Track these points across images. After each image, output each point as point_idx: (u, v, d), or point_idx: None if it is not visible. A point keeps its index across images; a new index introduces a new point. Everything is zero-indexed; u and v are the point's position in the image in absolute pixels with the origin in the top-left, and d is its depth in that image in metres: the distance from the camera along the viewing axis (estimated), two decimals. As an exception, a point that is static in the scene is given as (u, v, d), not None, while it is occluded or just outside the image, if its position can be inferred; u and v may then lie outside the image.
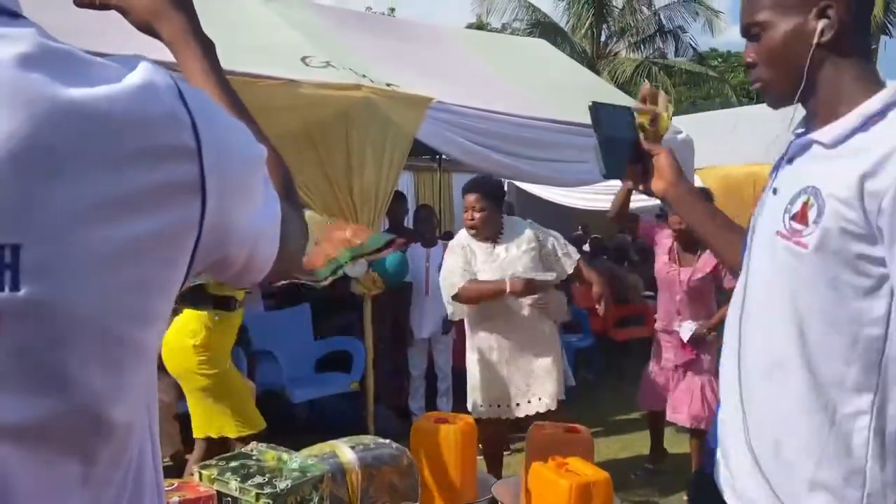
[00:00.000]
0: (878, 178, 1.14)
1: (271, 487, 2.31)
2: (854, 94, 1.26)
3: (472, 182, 3.84)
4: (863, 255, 1.18)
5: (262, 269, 0.83)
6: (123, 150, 0.61)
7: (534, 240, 3.69)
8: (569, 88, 6.52)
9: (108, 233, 0.60)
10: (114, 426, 0.64)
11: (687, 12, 19.64)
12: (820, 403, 1.24)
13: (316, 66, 4.57)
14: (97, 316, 0.60)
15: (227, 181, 0.68)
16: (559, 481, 2.82)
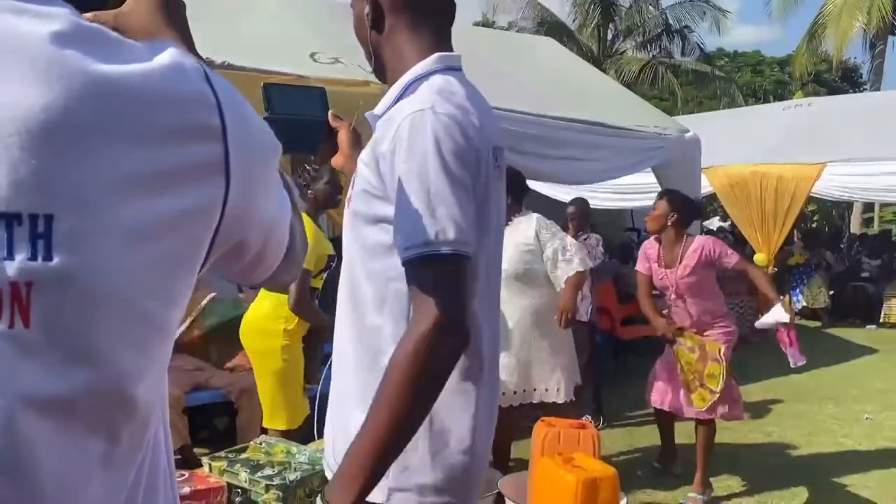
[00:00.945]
0: (384, 142, 1.22)
1: (280, 479, 2.33)
2: (403, 68, 1.34)
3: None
4: (381, 215, 1.23)
5: (271, 266, 0.84)
6: (154, 126, 0.62)
7: (532, 239, 3.70)
8: (576, 86, 6.52)
9: (138, 208, 0.61)
10: (137, 405, 0.65)
11: (694, 12, 19.58)
12: (367, 355, 1.28)
13: (324, 61, 4.57)
14: (125, 290, 0.61)
15: (249, 165, 0.69)
16: (566, 476, 2.82)
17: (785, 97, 21.30)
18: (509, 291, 3.62)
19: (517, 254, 3.70)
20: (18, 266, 0.57)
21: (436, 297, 1.13)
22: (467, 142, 1.22)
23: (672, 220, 4.01)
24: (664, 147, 6.09)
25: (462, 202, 1.18)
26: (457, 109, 1.24)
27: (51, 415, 0.59)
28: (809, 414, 5.60)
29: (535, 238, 3.71)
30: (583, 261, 3.75)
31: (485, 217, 1.28)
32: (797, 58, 21.14)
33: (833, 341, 8.91)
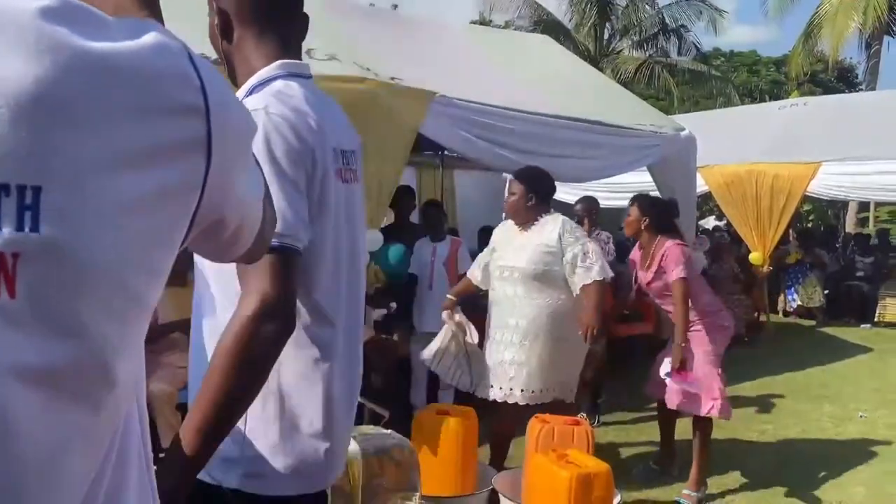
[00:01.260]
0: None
1: (274, 474, 2.32)
2: (251, 74, 1.41)
3: (520, 170, 4.03)
4: None
5: (246, 244, 0.86)
6: (141, 104, 0.64)
7: (555, 242, 3.67)
8: (572, 84, 6.52)
9: (124, 183, 0.62)
10: (117, 378, 0.66)
11: (691, 11, 19.58)
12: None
13: (320, 58, 4.56)
14: (110, 264, 0.62)
15: (229, 144, 0.72)
16: (559, 472, 2.83)
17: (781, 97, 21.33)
18: (527, 290, 3.69)
19: (538, 254, 3.69)
20: (5, 237, 0.58)
21: (260, 285, 1.18)
22: (300, 142, 1.30)
23: (644, 224, 4.05)
24: (660, 145, 6.09)
25: (291, 198, 1.26)
26: (291, 111, 1.31)
27: (35, 386, 0.60)
28: (804, 412, 5.61)
29: (557, 241, 3.68)
30: (603, 269, 3.69)
31: (324, 214, 1.36)
32: (793, 58, 21.18)
33: (828, 340, 8.94)
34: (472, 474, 3.49)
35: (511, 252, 3.77)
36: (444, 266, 5.06)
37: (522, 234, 3.78)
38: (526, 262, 3.68)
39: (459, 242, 5.25)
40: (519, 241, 3.77)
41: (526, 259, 3.68)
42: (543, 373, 3.69)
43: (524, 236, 3.77)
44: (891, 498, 3.97)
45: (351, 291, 1.50)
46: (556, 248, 3.67)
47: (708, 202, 14.69)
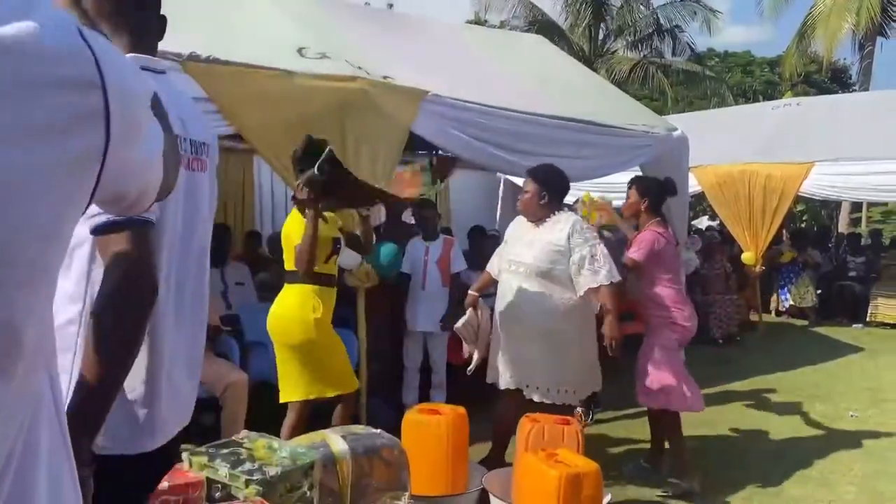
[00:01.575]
0: None
1: (261, 474, 2.31)
2: None
3: (534, 168, 4.04)
4: None
5: (152, 196, 0.92)
6: (37, 79, 0.65)
7: (564, 241, 3.71)
8: (566, 84, 6.52)
9: (19, 156, 0.64)
10: (26, 342, 0.68)
11: (685, 11, 19.60)
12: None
13: (312, 57, 4.55)
14: (10, 234, 0.65)
15: (126, 113, 0.74)
16: (549, 472, 2.83)
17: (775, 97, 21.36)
18: (532, 287, 3.75)
19: (546, 252, 3.73)
20: None
21: (125, 251, 1.27)
22: None
23: (644, 206, 4.11)
24: (652, 145, 6.09)
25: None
26: None
27: None
28: (796, 411, 5.62)
29: (566, 240, 3.71)
30: (610, 273, 3.67)
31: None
32: (787, 58, 21.22)
33: (820, 340, 8.96)
34: (462, 474, 3.48)
35: (521, 247, 3.84)
36: (437, 265, 5.06)
37: (534, 230, 3.84)
38: (533, 258, 3.74)
39: (452, 242, 5.26)
40: (529, 237, 3.83)
41: (533, 255, 3.75)
42: (557, 373, 3.73)
43: (535, 232, 3.82)
44: (881, 497, 3.98)
45: (184, 268, 1.66)
46: (564, 247, 3.69)
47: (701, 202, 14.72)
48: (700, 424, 5.13)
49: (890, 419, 5.44)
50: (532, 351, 3.73)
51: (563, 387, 3.76)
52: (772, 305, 10.73)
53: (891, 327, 9.65)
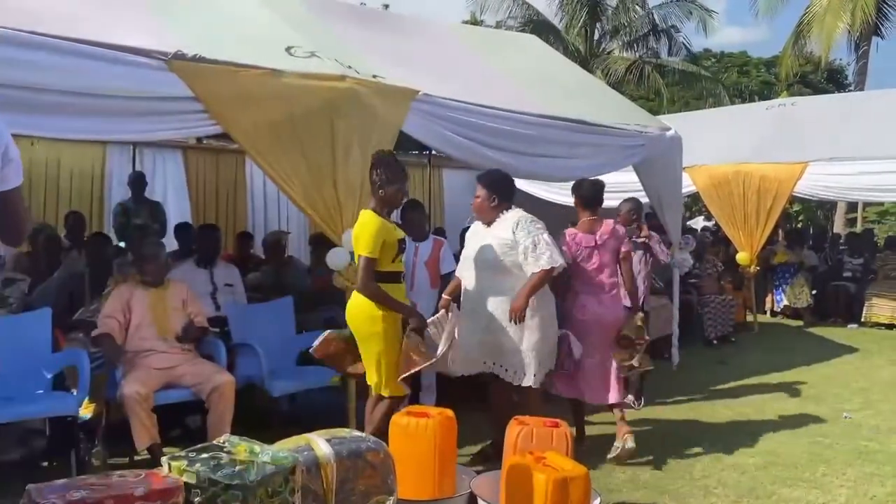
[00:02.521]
0: None
1: (241, 479, 2.27)
2: None
3: (482, 174, 4.38)
4: None
5: None
6: None
7: (510, 234, 4.03)
8: (559, 84, 6.49)
9: None
10: None
11: (681, 12, 19.59)
12: None
13: (300, 56, 4.50)
14: None
15: None
16: (537, 475, 2.79)
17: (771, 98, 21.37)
18: (489, 279, 4.12)
19: (497, 247, 4.08)
20: None
21: None
22: None
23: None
24: (645, 145, 6.07)
25: None
26: None
27: None
28: (789, 412, 5.59)
29: (512, 234, 4.03)
30: (552, 258, 3.97)
31: None
32: (783, 58, 21.21)
33: (814, 340, 8.93)
34: (450, 477, 3.44)
35: (474, 245, 4.19)
36: (426, 266, 5.01)
37: (486, 230, 4.20)
38: (485, 253, 4.11)
39: (442, 243, 5.20)
40: (482, 236, 4.19)
41: (485, 251, 4.11)
42: (506, 354, 4.09)
43: (487, 231, 4.18)
44: (874, 500, 3.94)
45: None
46: (511, 240, 4.03)
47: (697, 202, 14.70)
48: (692, 424, 5.12)
49: (884, 421, 5.41)
50: (495, 337, 4.07)
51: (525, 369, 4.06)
52: (767, 306, 10.70)
53: (886, 328, 9.62)
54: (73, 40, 3.51)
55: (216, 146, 8.50)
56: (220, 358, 4.32)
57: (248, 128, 4.11)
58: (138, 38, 3.81)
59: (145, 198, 7.33)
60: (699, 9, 19.65)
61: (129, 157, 8.02)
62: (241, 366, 4.52)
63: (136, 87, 3.70)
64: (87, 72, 3.52)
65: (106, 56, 3.59)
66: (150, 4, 4.38)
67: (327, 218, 4.41)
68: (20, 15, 3.44)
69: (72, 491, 2.04)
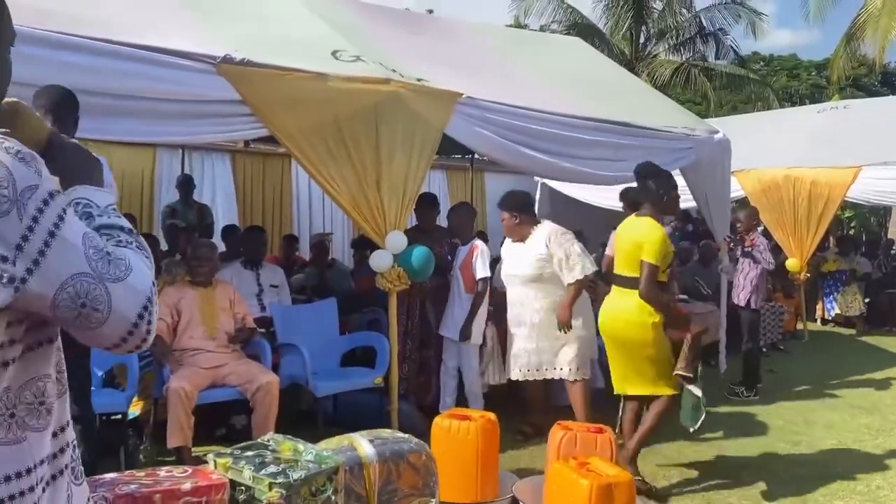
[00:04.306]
0: None
1: (284, 477, 2.29)
2: None
3: (501, 199, 4.89)
4: None
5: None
6: None
7: (543, 248, 4.55)
8: (604, 86, 6.43)
9: None
10: None
11: (729, 14, 19.25)
12: None
13: (346, 59, 4.54)
14: None
15: None
16: (580, 481, 2.75)
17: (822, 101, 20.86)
18: (531, 291, 4.61)
19: (534, 261, 4.57)
20: None
21: None
22: None
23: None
24: (693, 148, 5.97)
25: None
26: None
27: None
28: (841, 423, 5.43)
29: (546, 247, 4.54)
30: (584, 268, 4.48)
31: None
32: (834, 61, 20.63)
33: (867, 350, 8.67)
34: (492, 481, 3.42)
35: (514, 262, 4.68)
36: (460, 270, 4.98)
37: (522, 246, 4.68)
38: (528, 267, 4.58)
39: (476, 247, 5.07)
40: (519, 253, 4.68)
41: (527, 265, 4.59)
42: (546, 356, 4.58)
43: (522, 247, 4.67)
44: (931, 515, 3.81)
45: None
46: (545, 254, 4.53)
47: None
48: (741, 435, 5.00)
49: (942, 433, 5.22)
50: (545, 343, 4.55)
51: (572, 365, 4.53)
52: (817, 314, 10.43)
53: (942, 337, 9.30)
54: (123, 44, 3.59)
55: (263, 150, 8.63)
56: (265, 358, 4.37)
57: (294, 130, 4.16)
58: (187, 42, 3.88)
59: (193, 200, 7.46)
60: (748, 11, 19.28)
61: (179, 159, 8.19)
62: (285, 366, 4.56)
63: (185, 91, 3.77)
64: (136, 75, 3.58)
65: (154, 59, 3.66)
66: (199, 10, 4.46)
67: (371, 220, 4.43)
68: (71, 21, 3.53)
69: (121, 485, 2.07)
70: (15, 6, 2.79)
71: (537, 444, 4.52)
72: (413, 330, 5.06)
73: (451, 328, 4.95)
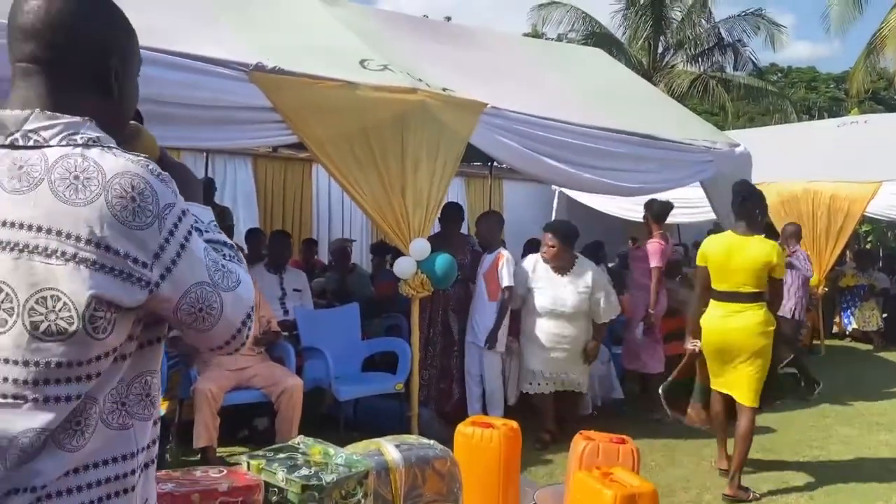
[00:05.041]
0: None
1: (317, 480, 2.34)
2: None
3: (551, 224, 5.32)
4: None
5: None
6: None
7: (589, 285, 4.98)
8: (626, 98, 6.46)
9: None
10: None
11: (748, 26, 19.22)
12: None
13: (374, 69, 4.61)
14: None
15: None
16: (603, 491, 2.78)
17: (840, 115, 20.74)
18: (574, 321, 5.00)
19: (577, 296, 4.97)
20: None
21: None
22: None
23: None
24: (714, 161, 5.99)
25: None
26: None
27: None
28: (858, 439, 5.42)
29: (589, 286, 4.99)
30: (616, 311, 5.17)
31: None
32: (854, 74, 20.53)
33: (885, 365, 8.63)
34: (514, 489, 3.45)
35: (557, 291, 4.98)
36: (484, 278, 5.03)
37: (562, 277, 5.01)
38: (574, 302, 4.95)
39: (502, 256, 5.12)
40: (559, 284, 4.99)
41: (573, 300, 4.96)
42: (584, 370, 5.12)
43: (563, 280, 5.00)
44: (951, 533, 3.81)
45: None
46: (590, 290, 4.98)
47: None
48: (756, 450, 4.97)
49: (960, 451, 5.20)
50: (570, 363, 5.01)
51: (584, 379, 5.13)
52: (835, 329, 10.38)
53: (961, 354, 9.23)
54: (159, 51, 3.66)
55: (285, 154, 8.72)
56: (289, 361, 4.43)
57: (322, 138, 4.22)
58: (220, 50, 3.96)
59: (214, 203, 7.54)
60: (767, 23, 19.23)
61: (203, 163, 8.28)
62: (308, 369, 4.62)
63: (218, 97, 3.84)
64: (171, 82, 3.64)
65: (189, 66, 3.74)
66: (230, 18, 4.54)
67: (395, 227, 4.49)
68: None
69: (160, 483, 2.12)
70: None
71: (553, 452, 4.57)
72: (435, 337, 5.10)
73: (474, 334, 5.00)
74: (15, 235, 0.99)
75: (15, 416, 0.98)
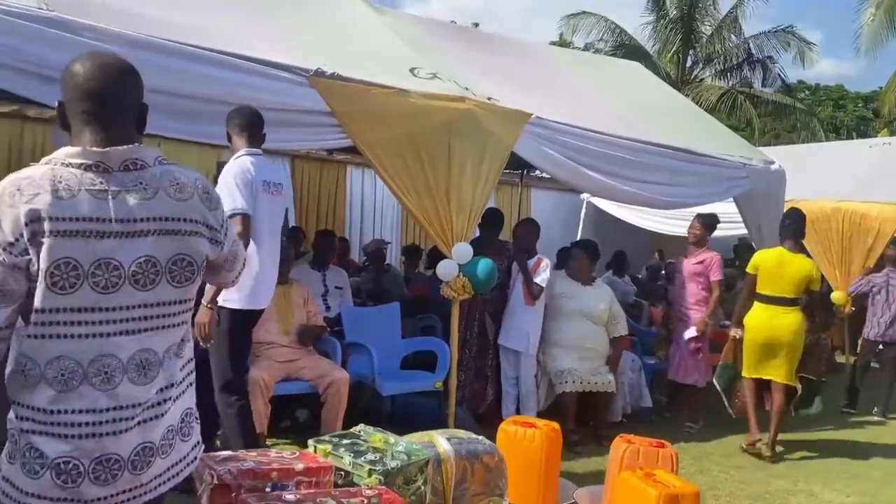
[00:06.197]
0: None
1: (382, 465, 2.47)
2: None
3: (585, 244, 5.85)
4: None
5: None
6: None
7: (607, 304, 5.43)
8: (663, 111, 6.56)
9: None
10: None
11: (778, 42, 19.22)
12: None
13: (423, 77, 4.75)
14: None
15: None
16: (647, 490, 2.89)
17: (868, 134, 20.67)
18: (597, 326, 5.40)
19: (601, 306, 5.40)
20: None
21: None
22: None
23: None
24: (749, 177, 6.08)
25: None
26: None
27: None
28: (884, 454, 5.48)
29: (609, 304, 5.44)
30: (624, 327, 5.56)
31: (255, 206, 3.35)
32: (885, 94, 20.47)
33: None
34: (553, 488, 3.57)
35: (586, 300, 5.39)
36: (520, 284, 5.18)
37: (587, 288, 5.47)
38: (600, 310, 5.39)
39: (540, 262, 5.27)
40: (584, 293, 5.44)
41: (600, 308, 5.39)
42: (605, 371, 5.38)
43: (590, 290, 5.48)
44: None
45: (271, 245, 3.56)
46: (608, 308, 5.40)
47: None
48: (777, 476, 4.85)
49: None
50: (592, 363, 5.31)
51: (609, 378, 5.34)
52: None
53: None
54: (226, 54, 3.83)
55: (322, 156, 8.88)
56: (335, 356, 4.58)
57: (374, 142, 4.37)
58: (279, 54, 4.12)
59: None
60: (798, 40, 19.22)
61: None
62: (352, 364, 4.75)
63: (278, 100, 3.99)
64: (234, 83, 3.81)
65: (251, 69, 3.89)
66: (283, 22, 4.70)
67: (440, 231, 4.62)
68: (168, 28, 3.77)
69: (240, 462, 2.27)
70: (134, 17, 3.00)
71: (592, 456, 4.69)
72: (471, 339, 5.23)
73: (510, 338, 5.12)
74: (152, 225, 1.58)
75: (161, 337, 1.63)
